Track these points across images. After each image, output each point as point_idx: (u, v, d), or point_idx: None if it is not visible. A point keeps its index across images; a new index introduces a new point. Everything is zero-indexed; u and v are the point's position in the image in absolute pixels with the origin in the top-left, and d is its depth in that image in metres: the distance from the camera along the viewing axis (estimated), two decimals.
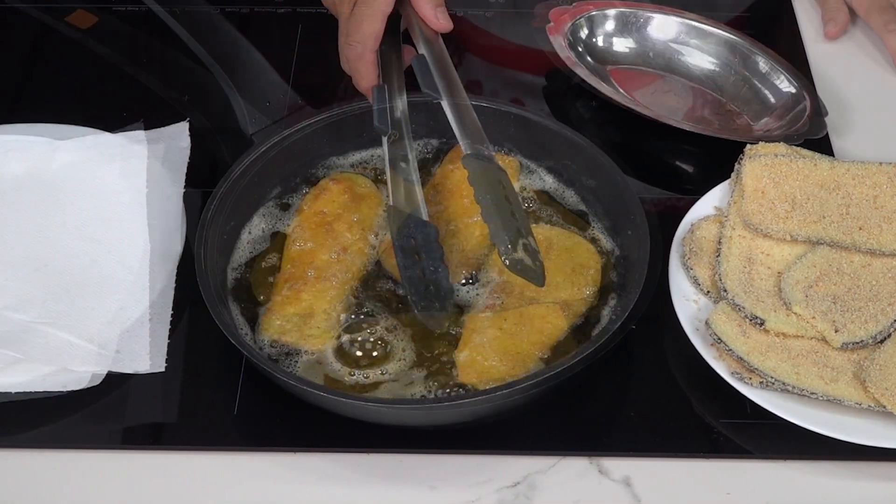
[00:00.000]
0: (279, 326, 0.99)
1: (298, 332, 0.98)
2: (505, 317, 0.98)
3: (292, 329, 0.99)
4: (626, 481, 0.93)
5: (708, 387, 0.97)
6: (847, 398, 0.93)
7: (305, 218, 1.06)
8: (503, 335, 0.97)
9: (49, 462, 0.94)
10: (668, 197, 1.15)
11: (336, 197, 1.07)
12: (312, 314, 0.99)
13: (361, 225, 1.06)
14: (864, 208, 1.04)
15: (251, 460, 0.94)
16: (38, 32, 1.33)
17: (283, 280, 1.02)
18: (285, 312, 0.99)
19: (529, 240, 0.94)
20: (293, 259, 1.04)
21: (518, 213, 0.95)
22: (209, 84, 1.11)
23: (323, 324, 0.99)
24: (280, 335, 0.98)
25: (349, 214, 1.06)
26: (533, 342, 0.97)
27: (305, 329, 0.99)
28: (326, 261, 1.03)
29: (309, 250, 1.04)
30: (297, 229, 1.06)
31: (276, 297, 1.01)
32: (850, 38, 1.32)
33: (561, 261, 1.02)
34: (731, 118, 1.22)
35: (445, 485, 0.93)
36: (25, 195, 1.10)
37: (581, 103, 1.24)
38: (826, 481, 0.93)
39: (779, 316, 0.97)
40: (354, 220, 1.06)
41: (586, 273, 1.02)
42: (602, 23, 1.26)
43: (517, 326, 0.98)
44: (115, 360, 0.97)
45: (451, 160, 1.10)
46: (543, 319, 0.98)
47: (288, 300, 1.00)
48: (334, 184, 1.08)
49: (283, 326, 0.99)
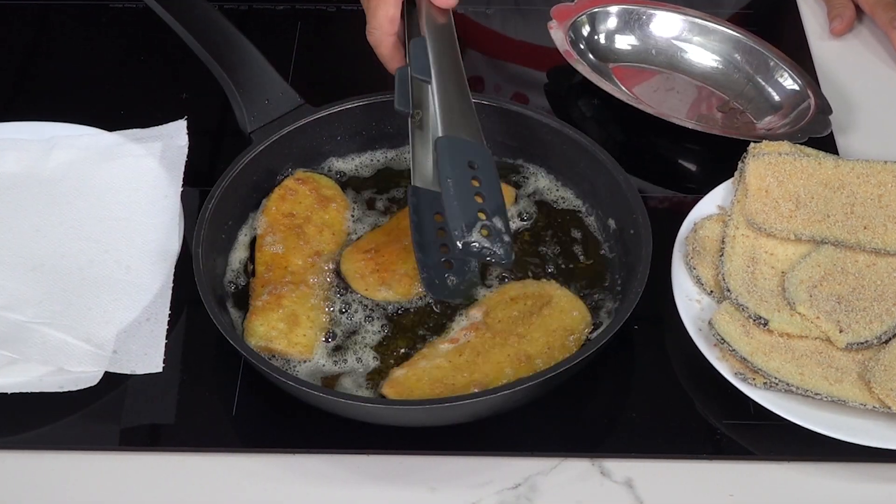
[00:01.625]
0: (264, 333, 0.98)
1: (286, 340, 0.97)
2: (462, 352, 0.97)
3: (279, 336, 0.98)
4: (629, 483, 0.93)
5: (711, 387, 0.96)
6: (851, 399, 0.92)
7: (274, 220, 1.05)
8: (450, 367, 0.96)
9: (46, 463, 0.94)
10: (671, 196, 1.15)
11: (303, 199, 1.07)
12: (297, 322, 0.98)
13: (332, 229, 1.06)
14: (869, 207, 1.03)
15: (250, 462, 0.94)
16: (34, 30, 1.33)
17: (260, 284, 1.01)
18: (269, 318, 0.98)
19: (495, 220, 0.92)
20: (267, 262, 1.03)
21: (490, 194, 0.93)
22: (207, 82, 1.11)
23: (309, 331, 0.98)
24: (267, 342, 0.97)
25: (318, 216, 1.06)
26: (473, 380, 0.95)
27: (292, 337, 0.98)
28: (302, 266, 1.02)
29: (282, 255, 1.03)
30: (268, 231, 1.05)
31: (256, 301, 1.00)
32: (855, 35, 1.31)
33: (549, 319, 0.99)
34: (735, 116, 1.21)
35: (445, 486, 0.93)
36: (22, 194, 1.09)
37: (583, 101, 1.24)
38: (830, 483, 0.93)
39: (783, 316, 0.97)
40: (324, 223, 1.06)
41: (566, 338, 0.98)
42: (604, 20, 1.26)
43: (468, 363, 0.96)
44: (113, 361, 0.96)
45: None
46: (497, 365, 0.96)
47: (269, 305, 0.99)
48: (300, 184, 1.08)
49: (269, 333, 0.98)
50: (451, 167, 0.94)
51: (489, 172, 0.95)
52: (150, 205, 1.07)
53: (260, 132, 1.07)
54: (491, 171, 0.95)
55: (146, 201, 1.07)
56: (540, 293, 1.01)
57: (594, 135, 1.09)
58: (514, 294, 1.01)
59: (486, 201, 0.93)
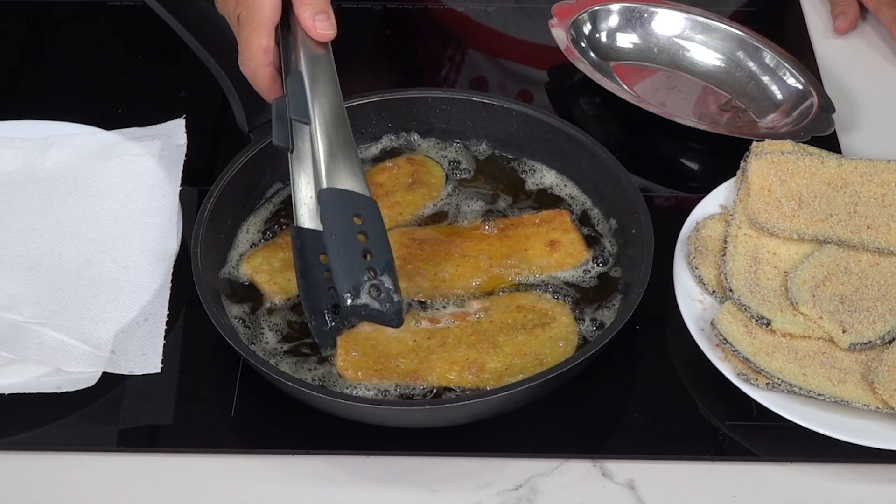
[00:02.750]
0: (258, 265, 1.02)
1: (269, 277, 1.00)
2: (432, 334, 0.97)
3: (266, 271, 1.01)
4: (630, 484, 0.92)
5: (713, 388, 0.96)
6: (855, 400, 0.92)
7: None
8: (410, 346, 0.95)
9: (43, 465, 0.94)
10: (673, 195, 1.15)
11: (400, 176, 1.08)
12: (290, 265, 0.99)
13: (402, 209, 1.06)
14: (872, 207, 1.03)
15: (248, 463, 0.94)
16: (31, 28, 1.33)
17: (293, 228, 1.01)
18: (273, 256, 1.02)
19: (383, 279, 0.91)
20: None
21: (378, 250, 0.91)
22: (206, 80, 1.11)
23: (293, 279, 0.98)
24: (253, 273, 1.01)
25: (401, 195, 1.07)
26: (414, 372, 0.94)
27: (277, 277, 1.00)
28: None
29: None
30: None
31: (280, 238, 1.04)
32: (858, 33, 1.31)
33: (535, 341, 0.97)
34: (737, 115, 1.21)
35: (446, 488, 0.92)
36: (19, 193, 1.09)
37: (584, 100, 1.24)
38: (833, 484, 0.93)
39: (785, 316, 0.96)
40: (400, 202, 1.06)
41: (533, 363, 0.96)
42: (606, 17, 1.26)
43: (427, 350, 0.96)
44: (111, 361, 0.96)
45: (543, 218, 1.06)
46: (448, 365, 0.95)
47: (285, 245, 1.02)
48: (409, 164, 1.09)
49: (261, 266, 1.01)
50: (336, 222, 0.91)
51: (376, 225, 0.92)
52: (148, 204, 1.07)
53: (259, 131, 1.07)
54: (378, 223, 0.92)
55: (144, 200, 1.07)
56: (547, 312, 0.99)
57: (596, 133, 1.09)
58: (525, 303, 1.00)
59: (375, 258, 0.91)
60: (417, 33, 1.34)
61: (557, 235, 1.04)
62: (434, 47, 1.34)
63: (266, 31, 0.97)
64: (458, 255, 1.02)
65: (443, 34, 1.33)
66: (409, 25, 1.34)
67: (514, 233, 1.05)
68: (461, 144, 1.13)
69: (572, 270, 1.03)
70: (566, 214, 1.06)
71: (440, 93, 1.13)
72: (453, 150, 1.12)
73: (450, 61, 1.30)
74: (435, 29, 1.35)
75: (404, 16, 1.33)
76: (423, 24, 1.34)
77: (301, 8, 0.96)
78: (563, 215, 1.06)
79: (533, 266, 1.02)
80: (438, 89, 1.18)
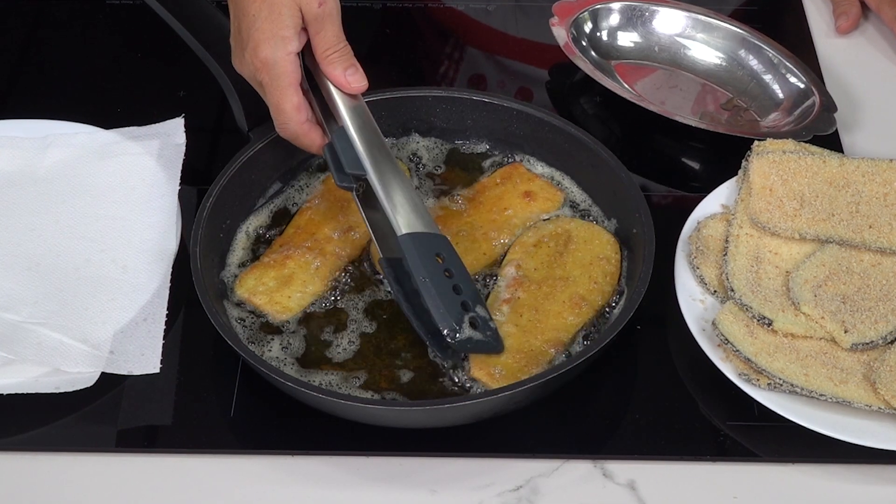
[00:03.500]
0: (252, 287, 1.00)
1: (268, 297, 0.99)
2: (521, 312, 0.98)
3: (264, 292, 1.00)
4: (631, 485, 0.92)
5: (714, 388, 0.96)
6: (857, 400, 0.92)
7: (329, 190, 1.07)
8: (518, 332, 0.97)
9: (42, 465, 0.94)
10: (674, 194, 1.15)
11: None
12: (289, 283, 1.00)
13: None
14: (874, 206, 1.03)
15: (248, 463, 0.94)
16: (30, 26, 1.32)
17: (279, 243, 1.04)
18: (265, 276, 1.01)
19: (478, 310, 0.95)
20: (298, 225, 1.05)
21: (463, 283, 0.95)
22: (205, 79, 1.11)
23: (297, 295, 1.00)
24: (251, 296, 1.00)
25: None
26: (547, 340, 0.97)
27: (276, 296, 0.99)
28: (326, 236, 1.03)
29: (316, 221, 1.05)
30: (318, 198, 1.07)
31: (266, 257, 1.03)
32: (860, 32, 1.31)
33: (580, 253, 1.02)
34: (738, 114, 1.21)
35: (446, 488, 0.92)
36: (17, 193, 1.09)
37: (585, 98, 1.24)
38: (835, 485, 0.93)
39: (787, 316, 0.96)
40: None
41: (604, 265, 1.01)
42: (607, 16, 1.26)
43: (532, 323, 0.98)
44: (109, 361, 0.96)
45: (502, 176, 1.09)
46: (559, 316, 0.98)
47: (273, 263, 1.02)
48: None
49: (256, 288, 1.00)
50: (423, 266, 0.94)
51: (456, 260, 0.96)
52: (146, 203, 1.07)
53: (258, 130, 1.07)
54: (456, 258, 0.97)
55: (143, 200, 1.07)
56: (557, 231, 1.03)
57: (596, 132, 1.09)
58: (534, 240, 1.03)
59: (464, 292, 0.95)
60: (417, 32, 1.34)
61: (526, 186, 1.07)
62: (434, 46, 1.34)
63: (293, 90, 0.98)
64: (451, 237, 1.01)
65: (442, 33, 1.33)
66: (409, 24, 1.34)
67: (484, 198, 1.07)
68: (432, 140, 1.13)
69: None
70: (520, 165, 1.09)
71: (440, 92, 1.13)
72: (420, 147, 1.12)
73: (449, 60, 1.30)
74: (434, 28, 1.35)
75: (404, 14, 1.33)
76: (423, 23, 1.34)
77: (330, 68, 0.98)
78: (519, 167, 1.09)
79: (520, 219, 1.05)
80: (438, 88, 1.18)
